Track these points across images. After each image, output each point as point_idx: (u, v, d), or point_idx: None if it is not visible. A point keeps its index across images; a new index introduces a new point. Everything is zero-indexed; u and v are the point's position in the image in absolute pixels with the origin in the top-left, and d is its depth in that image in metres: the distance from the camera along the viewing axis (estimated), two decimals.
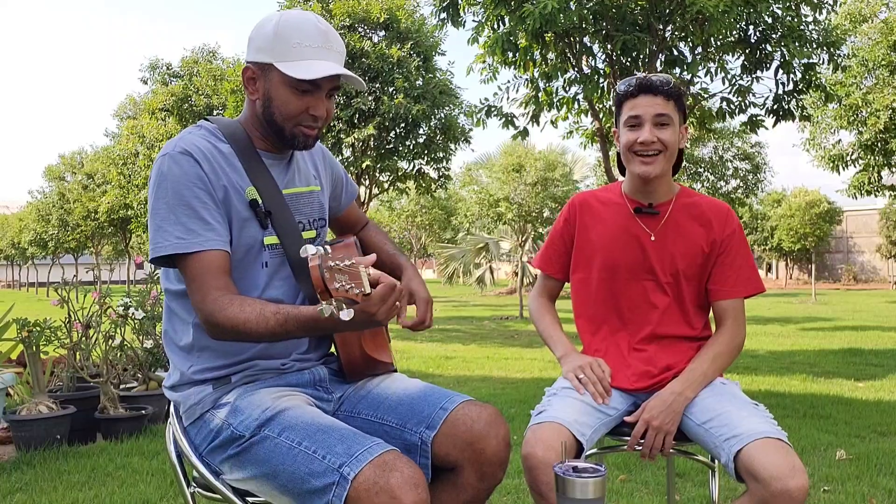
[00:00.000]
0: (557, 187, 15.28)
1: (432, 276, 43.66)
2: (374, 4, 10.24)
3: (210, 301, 1.42)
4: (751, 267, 1.96)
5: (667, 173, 1.92)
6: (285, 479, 1.36)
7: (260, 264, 1.56)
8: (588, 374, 1.87)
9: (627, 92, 1.88)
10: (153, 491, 3.16)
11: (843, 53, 6.77)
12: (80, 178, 26.53)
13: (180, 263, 1.47)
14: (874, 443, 3.98)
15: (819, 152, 12.79)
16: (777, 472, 1.52)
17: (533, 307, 2.15)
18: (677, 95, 1.87)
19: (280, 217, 1.56)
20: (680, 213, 1.96)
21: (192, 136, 1.54)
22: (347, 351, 1.63)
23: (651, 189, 1.94)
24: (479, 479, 1.53)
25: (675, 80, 1.89)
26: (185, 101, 13.47)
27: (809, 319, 13.51)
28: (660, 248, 1.94)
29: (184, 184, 1.46)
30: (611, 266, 1.96)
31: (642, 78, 1.88)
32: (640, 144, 1.85)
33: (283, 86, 1.51)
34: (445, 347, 9.21)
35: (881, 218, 30.65)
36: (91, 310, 4.37)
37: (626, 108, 1.88)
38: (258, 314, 1.39)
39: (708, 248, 1.94)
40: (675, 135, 1.88)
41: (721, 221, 1.95)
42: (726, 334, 1.91)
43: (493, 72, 6.78)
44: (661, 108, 1.84)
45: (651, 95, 1.85)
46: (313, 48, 1.50)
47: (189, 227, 1.45)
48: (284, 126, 1.55)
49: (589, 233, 2.01)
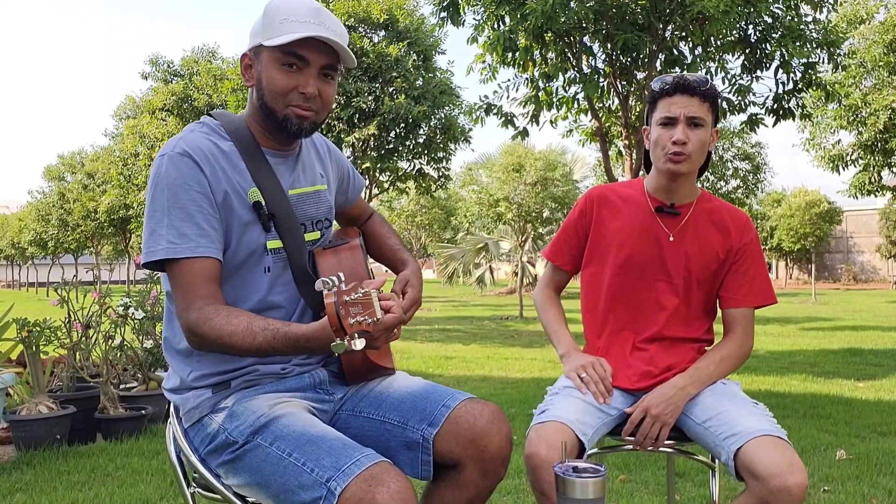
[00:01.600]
0: (557, 187, 15.27)
1: (432, 276, 43.65)
2: (375, 5, 10.24)
3: (194, 310, 1.39)
4: (764, 278, 1.96)
5: (693, 174, 1.91)
6: (276, 489, 1.36)
7: (262, 269, 1.53)
8: (590, 374, 1.87)
9: (663, 90, 1.86)
10: (153, 491, 3.16)
11: (842, 53, 6.77)
12: (80, 178, 26.52)
13: (169, 269, 1.44)
14: (874, 443, 3.98)
15: (819, 152, 12.80)
16: (776, 469, 1.52)
17: (538, 298, 2.14)
18: (713, 97, 1.86)
19: (284, 220, 1.53)
20: (700, 217, 1.95)
21: (193, 134, 1.50)
22: (349, 357, 1.62)
23: (675, 189, 1.93)
24: (481, 476, 1.53)
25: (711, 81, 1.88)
26: (185, 100, 13.45)
27: (809, 319, 13.51)
28: (676, 250, 1.93)
29: (181, 187, 1.43)
30: (625, 263, 1.95)
31: (679, 77, 1.86)
32: (673, 144, 1.83)
33: (271, 64, 1.48)
34: (446, 347, 9.21)
35: (881, 218, 30.63)
36: (91, 310, 4.36)
37: (661, 106, 1.86)
38: (245, 327, 1.36)
39: (724, 255, 1.93)
40: (707, 136, 1.87)
41: (739, 230, 1.95)
42: (735, 341, 1.91)
43: (493, 71, 6.78)
44: (696, 110, 1.83)
45: (687, 96, 1.83)
46: (300, 23, 1.45)
47: (182, 231, 1.42)
48: (276, 107, 1.49)
49: (605, 227, 1.99)
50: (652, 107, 1.91)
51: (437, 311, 17.19)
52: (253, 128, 1.57)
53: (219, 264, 1.46)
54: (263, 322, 1.38)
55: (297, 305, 1.59)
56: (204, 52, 15.33)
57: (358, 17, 10.19)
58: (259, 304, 1.53)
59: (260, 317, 1.41)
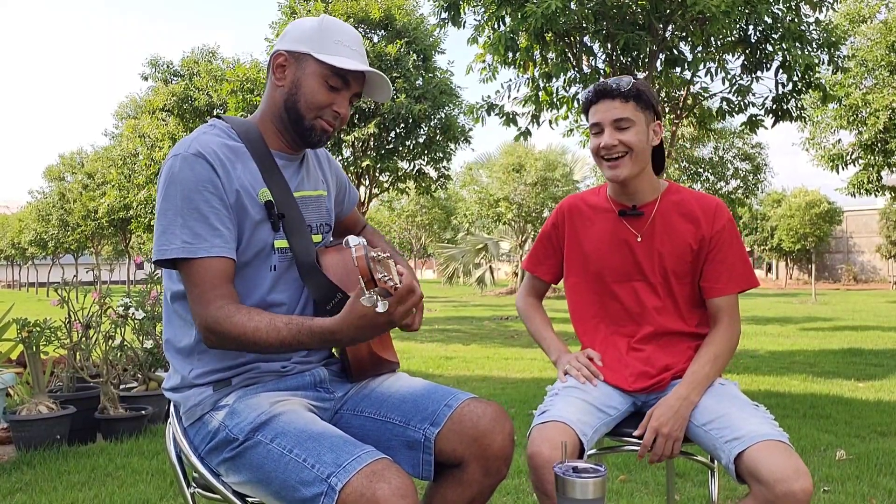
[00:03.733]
0: (557, 187, 15.29)
1: (432, 276, 43.66)
2: (373, 4, 10.25)
3: (214, 308, 1.41)
4: (743, 262, 1.95)
5: (642, 173, 1.92)
6: (277, 486, 1.36)
7: (268, 267, 1.56)
8: (574, 364, 1.94)
9: (588, 99, 1.93)
10: (153, 491, 3.16)
11: (842, 54, 6.77)
12: (81, 178, 26.54)
13: (184, 268, 1.45)
14: (874, 443, 3.98)
15: (819, 152, 12.80)
16: (781, 474, 1.52)
17: (521, 307, 2.19)
18: (635, 95, 1.87)
19: (292, 220, 1.56)
20: (667, 212, 1.96)
21: (206, 136, 1.53)
22: (355, 350, 1.63)
23: (631, 191, 1.95)
24: (484, 474, 1.54)
25: (634, 80, 1.90)
26: (185, 100, 13.45)
27: (809, 319, 13.51)
28: (647, 249, 1.95)
29: (194, 188, 1.45)
30: (599, 270, 1.98)
31: (599, 84, 1.91)
32: (603, 149, 1.88)
33: (315, 76, 1.55)
34: (446, 347, 9.21)
35: (881, 218, 30.66)
36: (91, 310, 4.37)
37: (590, 116, 1.93)
38: (268, 323, 1.39)
39: (696, 245, 1.93)
40: (641, 134, 1.87)
41: (710, 217, 1.94)
42: (723, 333, 1.90)
43: (493, 71, 6.78)
44: (619, 112, 1.86)
45: (608, 100, 1.87)
46: (351, 49, 1.57)
47: (196, 231, 1.44)
48: (306, 116, 1.56)
49: (579, 238, 2.03)
50: (586, 117, 1.97)
51: (437, 312, 17.19)
52: (264, 129, 1.61)
53: (233, 264, 1.48)
54: (285, 318, 1.40)
55: (297, 303, 1.60)
56: (204, 53, 15.31)
57: (357, 17, 10.20)
58: (260, 302, 1.54)
59: (278, 314, 1.43)
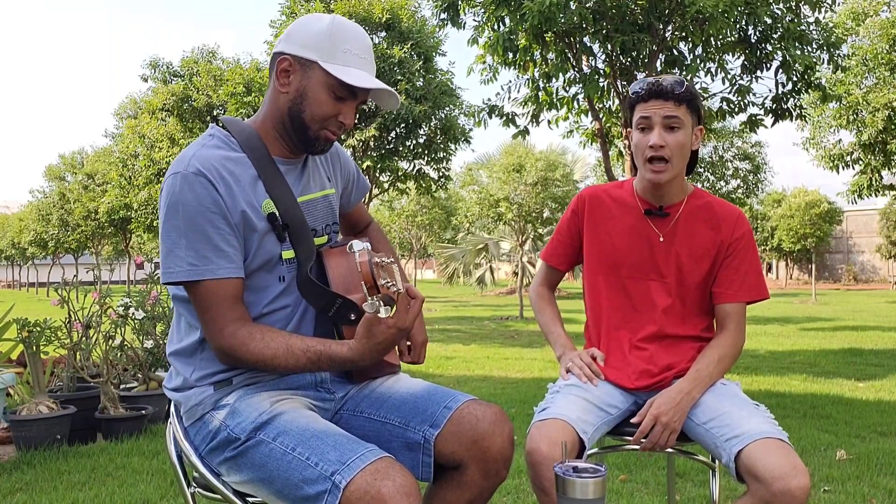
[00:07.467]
0: (558, 187, 15.27)
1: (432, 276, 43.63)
2: (376, 4, 10.23)
3: (228, 335, 1.42)
4: (757, 273, 1.96)
5: (678, 176, 1.92)
6: (280, 484, 1.36)
7: (277, 278, 1.54)
8: (577, 363, 1.94)
9: (639, 96, 1.88)
10: (153, 491, 3.16)
11: (843, 54, 6.77)
12: (81, 178, 26.53)
13: (191, 290, 1.45)
14: (874, 443, 3.98)
15: (819, 152, 12.79)
16: (779, 472, 1.52)
17: (534, 297, 2.18)
18: (689, 99, 1.86)
19: (297, 229, 1.54)
20: (690, 215, 1.96)
21: (205, 150, 1.49)
22: None
23: (662, 192, 1.95)
24: (483, 476, 1.53)
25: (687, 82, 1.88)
26: (185, 100, 13.43)
27: (809, 319, 13.51)
28: (667, 249, 1.95)
29: (197, 209, 1.42)
30: (616, 264, 1.98)
31: (653, 82, 1.87)
32: (650, 148, 1.85)
33: (322, 86, 1.50)
34: (446, 347, 9.21)
35: (881, 218, 30.66)
36: (91, 310, 4.37)
37: (638, 111, 1.89)
38: (286, 350, 1.40)
39: (714, 251, 1.94)
40: (687, 137, 1.87)
41: (731, 225, 1.95)
42: (729, 338, 1.91)
43: (494, 72, 6.79)
44: (671, 111, 1.84)
45: (661, 101, 1.84)
46: (359, 58, 1.52)
47: (202, 253, 1.42)
48: (310, 126, 1.52)
49: (598, 229, 2.02)
50: (630, 112, 1.94)
51: (437, 312, 17.18)
52: (265, 134, 1.57)
53: (241, 282, 1.47)
54: (301, 343, 1.41)
55: (300, 304, 1.59)
56: (204, 53, 15.29)
57: (359, 17, 10.18)
58: (266, 308, 1.54)
59: (294, 335, 1.44)
